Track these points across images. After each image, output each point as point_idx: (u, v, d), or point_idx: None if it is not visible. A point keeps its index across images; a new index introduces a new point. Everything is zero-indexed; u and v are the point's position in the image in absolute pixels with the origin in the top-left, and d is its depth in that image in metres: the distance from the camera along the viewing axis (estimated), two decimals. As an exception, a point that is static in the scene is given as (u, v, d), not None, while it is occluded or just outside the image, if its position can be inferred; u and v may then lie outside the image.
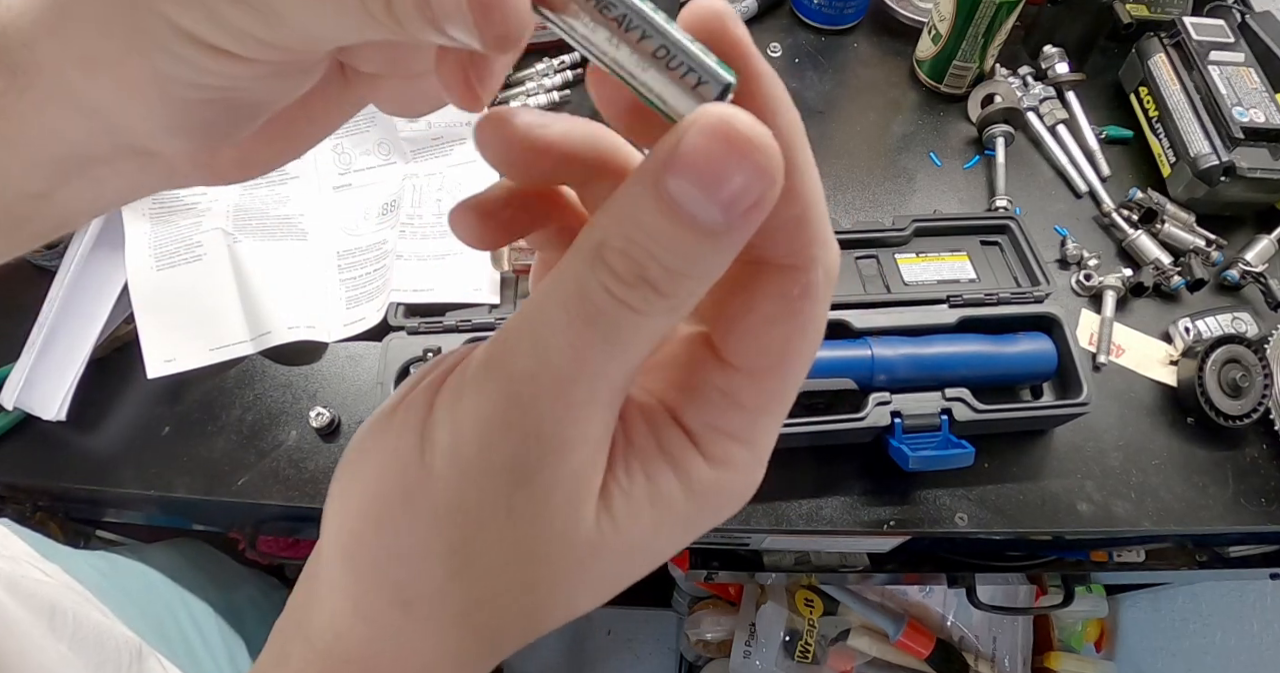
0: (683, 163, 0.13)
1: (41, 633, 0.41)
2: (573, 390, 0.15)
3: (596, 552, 0.16)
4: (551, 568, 0.16)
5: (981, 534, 0.57)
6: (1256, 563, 0.75)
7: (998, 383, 0.58)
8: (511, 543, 0.16)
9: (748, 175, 0.13)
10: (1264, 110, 0.67)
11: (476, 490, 0.15)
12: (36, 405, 0.56)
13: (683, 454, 0.17)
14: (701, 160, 0.13)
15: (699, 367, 0.17)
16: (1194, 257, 0.65)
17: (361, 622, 0.17)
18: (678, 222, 0.13)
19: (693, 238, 0.13)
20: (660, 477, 0.16)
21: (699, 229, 0.13)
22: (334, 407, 0.58)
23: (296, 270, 0.64)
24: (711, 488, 0.17)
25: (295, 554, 0.82)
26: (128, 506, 0.69)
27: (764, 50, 0.82)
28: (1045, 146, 0.75)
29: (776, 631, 1.10)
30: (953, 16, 0.71)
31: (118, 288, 0.60)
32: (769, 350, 0.16)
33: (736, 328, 0.16)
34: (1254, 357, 0.60)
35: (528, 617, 0.17)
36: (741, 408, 0.17)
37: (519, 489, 0.15)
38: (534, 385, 0.15)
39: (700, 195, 0.13)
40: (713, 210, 0.13)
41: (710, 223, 0.13)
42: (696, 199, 0.13)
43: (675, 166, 0.13)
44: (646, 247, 0.14)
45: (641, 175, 0.14)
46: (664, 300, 0.14)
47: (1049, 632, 1.19)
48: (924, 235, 0.64)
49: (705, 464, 0.17)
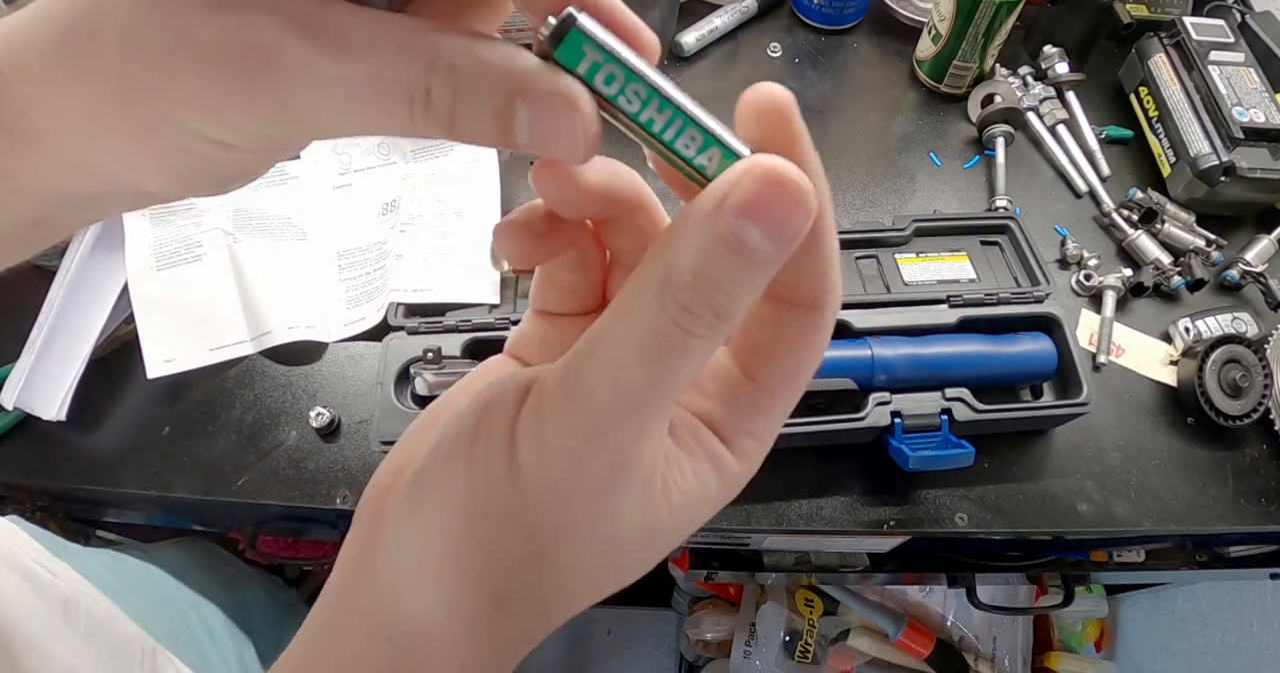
0: (744, 205, 0.16)
1: (57, 623, 0.41)
2: (647, 417, 0.17)
3: (659, 536, 0.20)
4: (622, 557, 0.20)
5: (981, 534, 0.57)
6: (1256, 563, 0.75)
7: (998, 383, 0.58)
8: (596, 544, 0.19)
9: (797, 212, 0.16)
10: (1264, 110, 0.67)
11: (567, 507, 0.18)
12: (36, 405, 0.56)
13: (720, 453, 0.20)
14: (761, 202, 0.16)
15: (731, 384, 0.20)
16: (1194, 257, 0.65)
17: (456, 623, 0.19)
18: (740, 255, 0.16)
19: (751, 268, 0.16)
20: (705, 473, 0.20)
21: (756, 260, 0.16)
22: (334, 407, 0.58)
23: (296, 270, 0.64)
24: (738, 478, 0.21)
25: (295, 554, 0.82)
26: (128, 505, 0.69)
27: (764, 50, 0.82)
28: (1045, 146, 0.75)
29: (776, 631, 1.10)
30: (953, 16, 0.72)
31: (118, 288, 0.60)
32: (789, 371, 0.20)
33: (766, 355, 0.20)
34: (1254, 357, 0.60)
35: (594, 596, 0.20)
36: (762, 415, 0.20)
37: (601, 501, 0.18)
38: (614, 418, 0.17)
39: (758, 231, 0.16)
40: (768, 244, 0.16)
41: (765, 254, 0.16)
42: (754, 234, 0.16)
43: (738, 209, 0.16)
44: (713, 279, 0.16)
45: (697, 219, 0.16)
46: (724, 324, 0.17)
47: (1049, 632, 1.19)
48: (924, 235, 0.64)
49: (734, 460, 0.20)
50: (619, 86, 0.17)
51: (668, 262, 0.16)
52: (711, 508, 0.20)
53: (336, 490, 0.56)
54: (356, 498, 0.55)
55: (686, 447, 0.20)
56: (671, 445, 0.19)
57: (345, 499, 0.56)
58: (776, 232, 0.16)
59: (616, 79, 0.17)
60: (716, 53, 0.82)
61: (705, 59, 0.82)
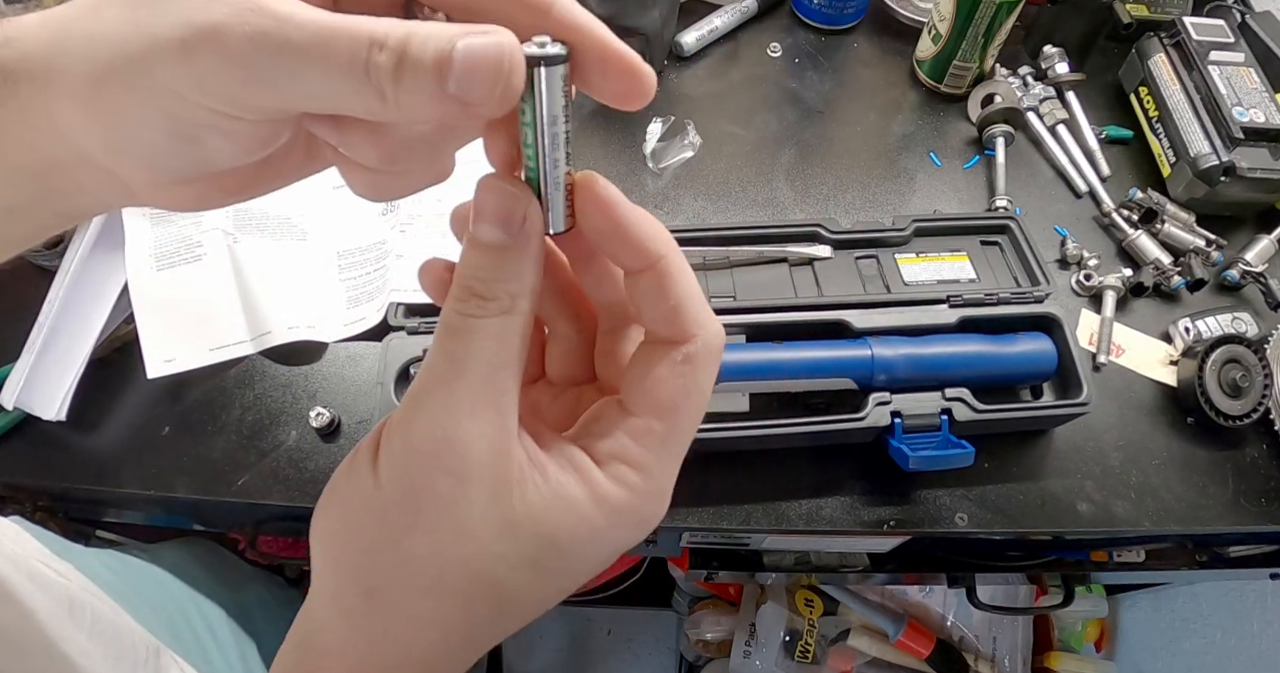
0: (477, 211, 0.21)
1: (63, 621, 0.41)
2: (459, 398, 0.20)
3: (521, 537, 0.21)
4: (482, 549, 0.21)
5: (981, 534, 0.57)
6: (1256, 563, 0.75)
7: (998, 383, 0.58)
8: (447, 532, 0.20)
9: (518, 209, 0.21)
10: (1264, 110, 0.67)
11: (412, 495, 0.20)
12: (36, 405, 0.56)
13: (586, 467, 0.22)
14: (483, 204, 0.21)
15: (607, 415, 0.23)
16: (1194, 257, 0.65)
17: (338, 614, 0.21)
18: (477, 247, 0.21)
19: (490, 255, 0.21)
20: (570, 484, 0.21)
21: (492, 249, 0.21)
22: (334, 407, 0.58)
23: (296, 270, 0.64)
24: (616, 504, 0.22)
25: (295, 554, 0.82)
26: (128, 506, 0.69)
27: (764, 50, 0.82)
28: (1045, 146, 0.75)
29: (776, 631, 1.10)
30: (953, 16, 0.72)
31: (118, 288, 0.60)
32: (661, 403, 0.22)
33: (637, 387, 0.22)
34: (1254, 357, 0.60)
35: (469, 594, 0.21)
36: (638, 443, 0.22)
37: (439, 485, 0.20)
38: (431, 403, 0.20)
39: (486, 225, 0.21)
40: (495, 232, 0.21)
41: (496, 241, 0.21)
42: (485, 229, 0.21)
43: (475, 215, 0.21)
44: (469, 271, 0.21)
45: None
46: (491, 303, 0.21)
47: (1049, 632, 1.20)
48: (924, 235, 0.64)
49: (605, 478, 0.22)
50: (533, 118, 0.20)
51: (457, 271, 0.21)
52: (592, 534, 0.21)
53: (336, 491, 0.56)
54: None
55: (555, 458, 0.22)
56: (537, 451, 0.22)
57: (345, 499, 0.56)
58: (503, 224, 0.21)
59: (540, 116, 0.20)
60: (716, 53, 0.82)
61: (705, 59, 0.82)
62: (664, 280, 0.22)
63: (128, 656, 0.45)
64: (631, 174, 0.73)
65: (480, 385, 0.20)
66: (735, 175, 0.73)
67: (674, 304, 0.22)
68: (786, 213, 0.71)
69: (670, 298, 0.22)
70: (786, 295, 0.61)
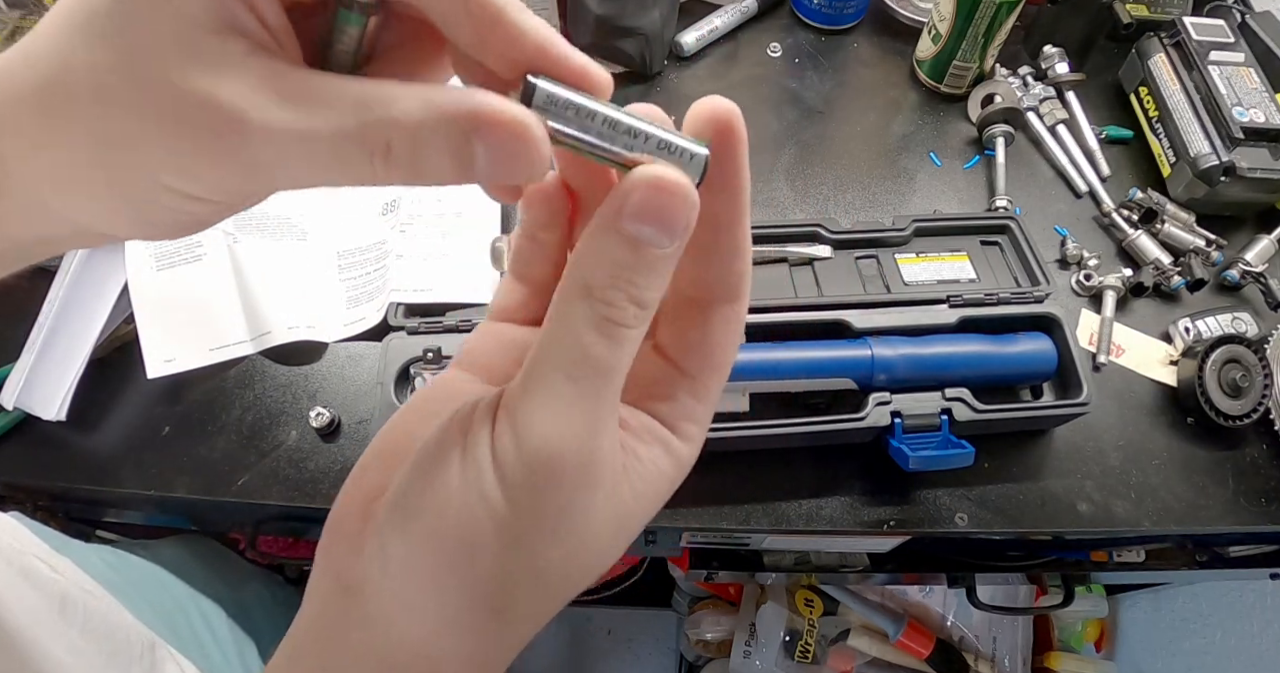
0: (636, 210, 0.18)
1: (53, 619, 0.41)
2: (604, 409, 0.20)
3: (629, 521, 0.21)
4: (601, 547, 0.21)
5: (981, 534, 0.57)
6: (1256, 563, 0.75)
7: (998, 383, 0.58)
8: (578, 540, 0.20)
9: (680, 209, 0.18)
10: (1264, 110, 0.67)
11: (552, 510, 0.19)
12: (36, 405, 0.56)
13: (666, 438, 0.22)
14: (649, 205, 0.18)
15: (669, 382, 0.22)
16: (1194, 257, 0.65)
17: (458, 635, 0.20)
18: (642, 251, 0.19)
19: (654, 260, 0.19)
20: (659, 458, 0.22)
21: (656, 253, 0.19)
22: (334, 407, 0.58)
23: (296, 270, 0.64)
24: (687, 460, 0.23)
25: (295, 554, 0.82)
26: (128, 506, 0.69)
27: (764, 50, 0.82)
28: (1045, 146, 0.75)
29: (776, 631, 1.10)
30: (953, 16, 0.72)
31: (118, 288, 0.60)
32: (716, 361, 0.22)
33: (696, 350, 0.22)
34: (1254, 357, 0.60)
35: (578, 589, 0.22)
36: (698, 401, 0.23)
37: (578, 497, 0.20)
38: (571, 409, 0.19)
39: (652, 229, 0.18)
40: (663, 237, 0.19)
41: (662, 245, 0.19)
42: (649, 232, 0.18)
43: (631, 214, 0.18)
44: (625, 275, 0.19)
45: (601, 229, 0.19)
46: (645, 312, 0.19)
47: (1049, 632, 1.20)
48: (924, 235, 0.64)
49: (681, 444, 0.22)
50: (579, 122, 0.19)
51: (585, 272, 0.19)
52: (669, 489, 0.23)
53: (336, 491, 0.56)
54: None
55: (640, 437, 0.22)
56: (626, 437, 0.21)
57: (345, 499, 0.56)
58: (668, 227, 0.18)
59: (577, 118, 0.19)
60: (716, 53, 0.82)
61: (705, 59, 0.82)
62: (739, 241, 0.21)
63: (122, 651, 0.45)
64: (631, 174, 0.73)
65: (616, 396, 0.20)
66: (735, 175, 0.73)
67: (743, 267, 0.22)
68: (786, 213, 0.71)
69: (742, 260, 0.21)
70: (786, 295, 0.61)
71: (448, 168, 0.18)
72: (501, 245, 0.60)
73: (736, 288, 0.22)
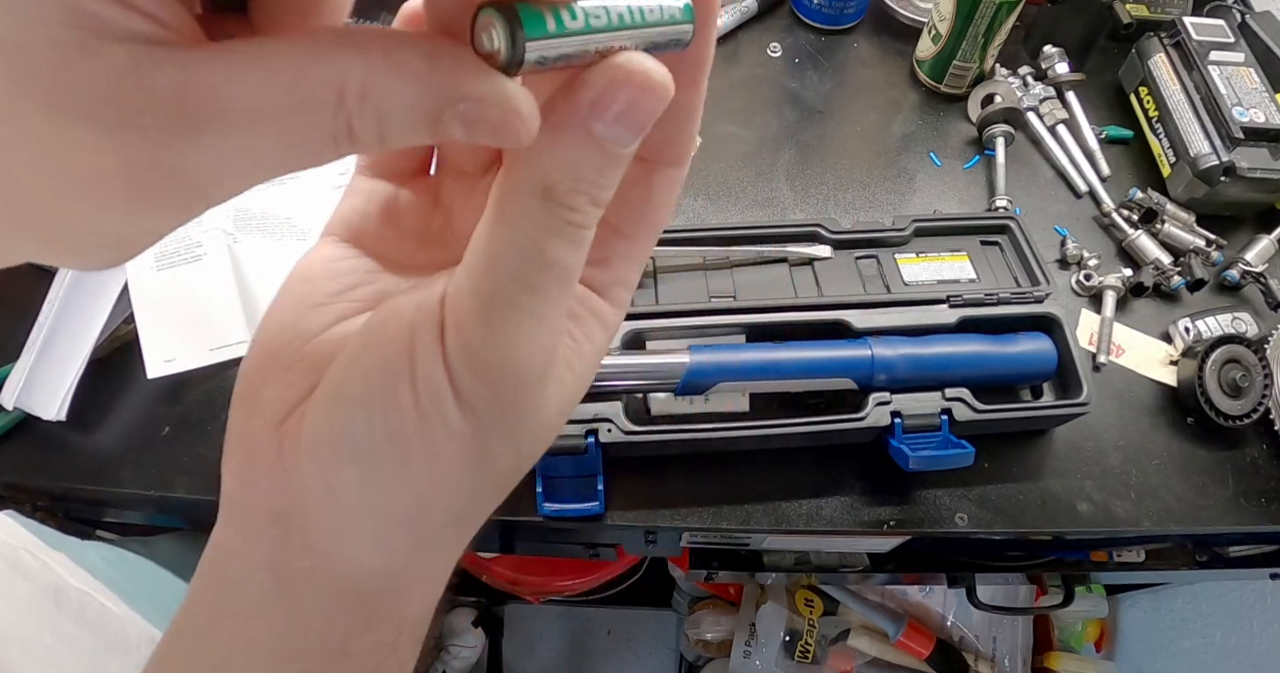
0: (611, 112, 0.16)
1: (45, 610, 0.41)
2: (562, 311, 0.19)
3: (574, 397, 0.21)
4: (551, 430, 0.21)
5: (981, 534, 0.57)
6: (1256, 563, 0.75)
7: (998, 383, 0.58)
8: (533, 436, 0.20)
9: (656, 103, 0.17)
10: (1264, 110, 0.67)
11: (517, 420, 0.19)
12: (36, 405, 0.56)
13: (603, 310, 0.22)
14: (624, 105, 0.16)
15: (605, 245, 0.21)
16: (1194, 257, 0.65)
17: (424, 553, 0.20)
18: (608, 151, 0.17)
19: (619, 159, 0.18)
20: (595, 332, 0.21)
21: (622, 153, 0.17)
22: (334, 407, 0.58)
23: (296, 270, 0.64)
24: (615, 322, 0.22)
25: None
26: (128, 506, 0.69)
27: (764, 50, 0.82)
28: (1045, 146, 0.75)
29: (776, 631, 1.10)
30: (953, 16, 0.72)
31: (118, 288, 0.60)
32: (653, 221, 0.22)
33: (636, 212, 0.21)
34: (1254, 357, 0.60)
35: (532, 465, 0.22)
36: (629, 263, 0.22)
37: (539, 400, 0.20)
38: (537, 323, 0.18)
39: (623, 131, 0.17)
40: (631, 135, 0.17)
41: (629, 144, 0.17)
42: (619, 131, 0.17)
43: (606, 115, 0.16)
44: (589, 177, 0.17)
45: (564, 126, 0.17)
46: (602, 208, 0.18)
47: (1049, 632, 1.20)
48: (924, 235, 0.64)
49: (612, 309, 0.22)
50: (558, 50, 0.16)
51: (545, 173, 0.17)
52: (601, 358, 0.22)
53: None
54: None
55: (577, 319, 0.21)
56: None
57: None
58: (643, 126, 0.17)
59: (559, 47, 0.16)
60: (716, 53, 0.82)
61: (705, 59, 0.82)
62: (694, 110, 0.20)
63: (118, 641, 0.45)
64: (631, 174, 0.73)
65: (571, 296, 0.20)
66: (735, 175, 0.73)
67: (693, 131, 0.21)
68: (786, 213, 0.71)
69: (693, 124, 0.21)
70: (786, 295, 0.61)
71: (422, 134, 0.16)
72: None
73: (683, 152, 0.21)
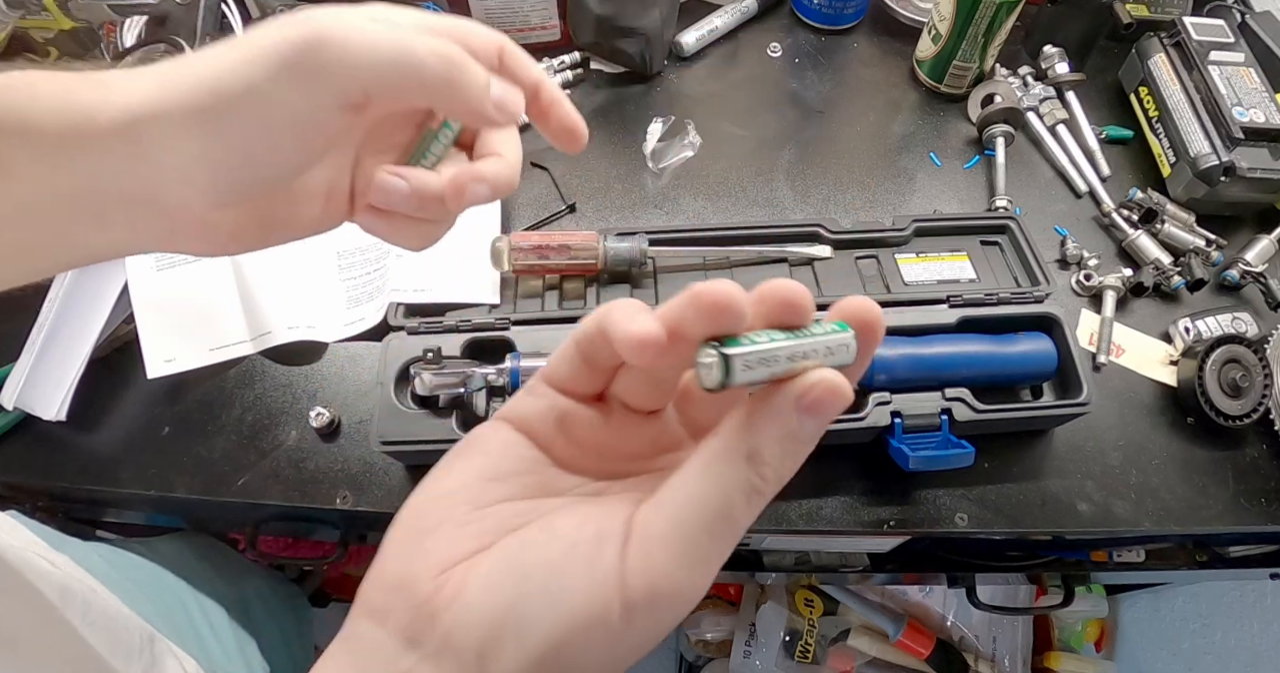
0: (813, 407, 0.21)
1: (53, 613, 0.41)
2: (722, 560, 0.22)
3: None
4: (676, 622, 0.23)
5: (981, 534, 0.57)
6: (1256, 563, 0.75)
7: (998, 383, 0.58)
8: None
9: (841, 407, 0.21)
10: (1264, 110, 0.67)
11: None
12: (36, 405, 0.56)
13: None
14: (823, 406, 0.21)
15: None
16: (1194, 257, 0.65)
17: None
18: (800, 441, 0.22)
19: (805, 448, 0.22)
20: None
21: (809, 443, 0.22)
22: (334, 407, 0.58)
23: (296, 270, 0.64)
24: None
25: (295, 554, 0.82)
26: (128, 505, 0.69)
27: (764, 50, 0.82)
28: (1045, 146, 0.75)
29: (776, 631, 1.10)
30: (953, 16, 0.72)
31: (118, 288, 0.60)
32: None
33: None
34: (1254, 357, 0.60)
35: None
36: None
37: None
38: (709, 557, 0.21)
39: (814, 422, 0.22)
40: (818, 429, 0.22)
41: (815, 436, 0.22)
42: (811, 425, 0.22)
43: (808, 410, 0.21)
44: (784, 458, 0.22)
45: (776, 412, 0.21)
46: (777, 487, 0.22)
47: (1049, 632, 1.20)
48: (924, 235, 0.64)
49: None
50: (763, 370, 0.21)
51: (752, 444, 0.21)
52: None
53: (336, 491, 0.56)
54: (356, 498, 0.55)
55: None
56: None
57: (345, 499, 0.56)
58: (826, 421, 0.22)
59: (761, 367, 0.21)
60: (716, 53, 0.82)
61: (705, 59, 0.82)
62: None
63: (121, 642, 0.45)
64: (631, 174, 0.73)
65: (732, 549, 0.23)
66: (735, 175, 0.73)
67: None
68: (786, 213, 0.71)
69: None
70: (786, 295, 0.61)
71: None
72: (501, 246, 0.60)
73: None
